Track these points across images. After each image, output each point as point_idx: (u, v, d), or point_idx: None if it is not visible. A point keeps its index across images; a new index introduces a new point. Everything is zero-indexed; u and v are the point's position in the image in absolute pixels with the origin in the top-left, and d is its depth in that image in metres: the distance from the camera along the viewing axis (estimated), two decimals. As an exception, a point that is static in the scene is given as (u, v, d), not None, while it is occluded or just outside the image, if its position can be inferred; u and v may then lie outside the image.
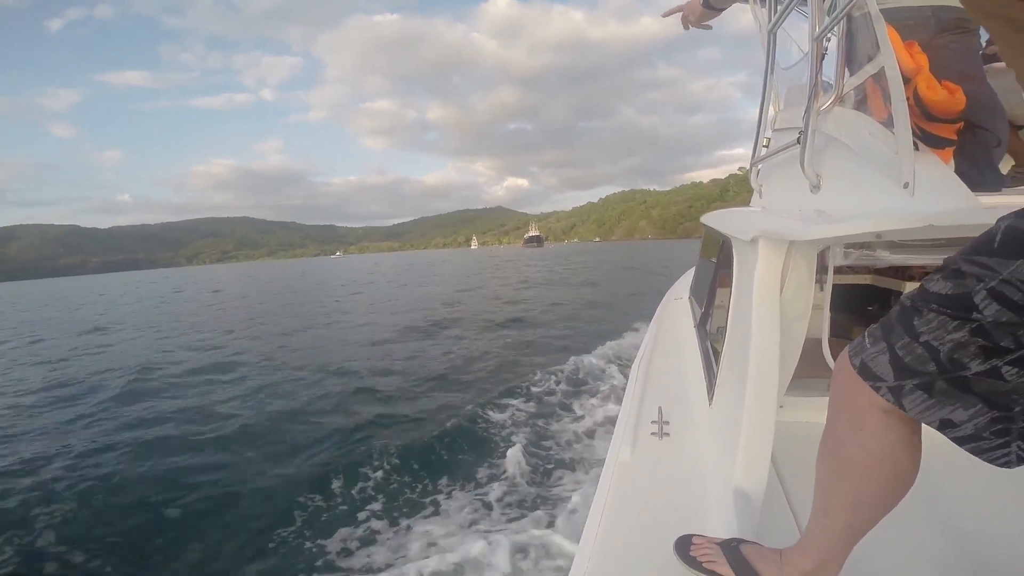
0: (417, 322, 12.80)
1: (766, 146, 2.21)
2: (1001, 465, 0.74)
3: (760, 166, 2.29)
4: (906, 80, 1.33)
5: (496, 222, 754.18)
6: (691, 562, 1.12)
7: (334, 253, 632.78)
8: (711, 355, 2.02)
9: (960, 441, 0.76)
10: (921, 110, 1.29)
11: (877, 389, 0.79)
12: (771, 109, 2.21)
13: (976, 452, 0.75)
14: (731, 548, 1.10)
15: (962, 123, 1.30)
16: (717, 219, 2.18)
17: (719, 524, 1.24)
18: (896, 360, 0.77)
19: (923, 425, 0.81)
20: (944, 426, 0.76)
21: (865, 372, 0.81)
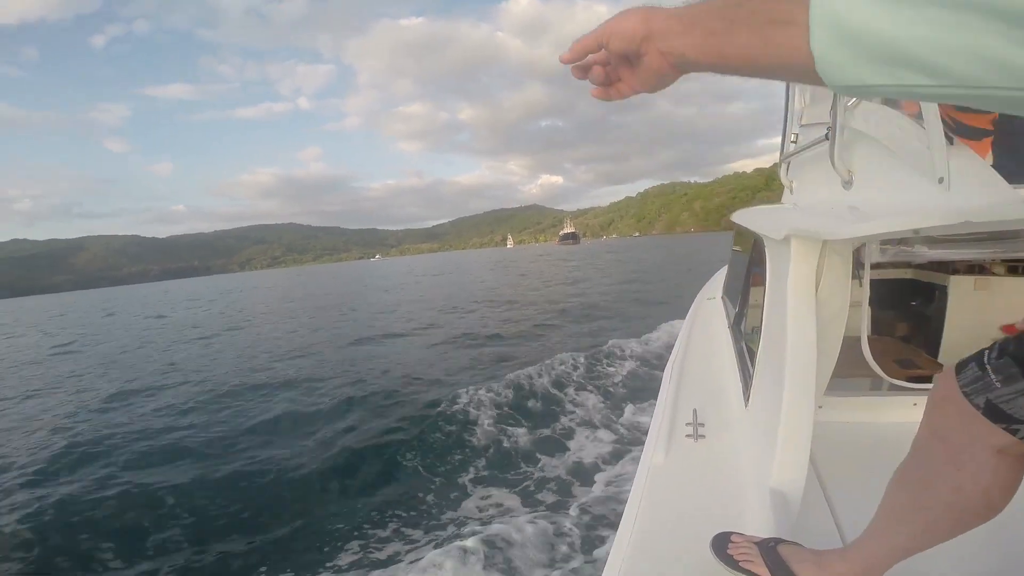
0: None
1: (794, 142, 2.16)
2: None
3: (790, 162, 2.24)
4: None
5: (532, 220, 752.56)
6: (727, 560, 1.12)
7: (374, 256, 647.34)
8: (746, 355, 2.00)
9: None
10: None
11: (1015, 432, 0.73)
12: (798, 104, 2.17)
13: None
14: (768, 548, 1.09)
15: (997, 113, 1.25)
16: (748, 217, 2.15)
17: (757, 525, 1.23)
18: None
19: None
20: None
21: (994, 413, 0.73)
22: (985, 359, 0.75)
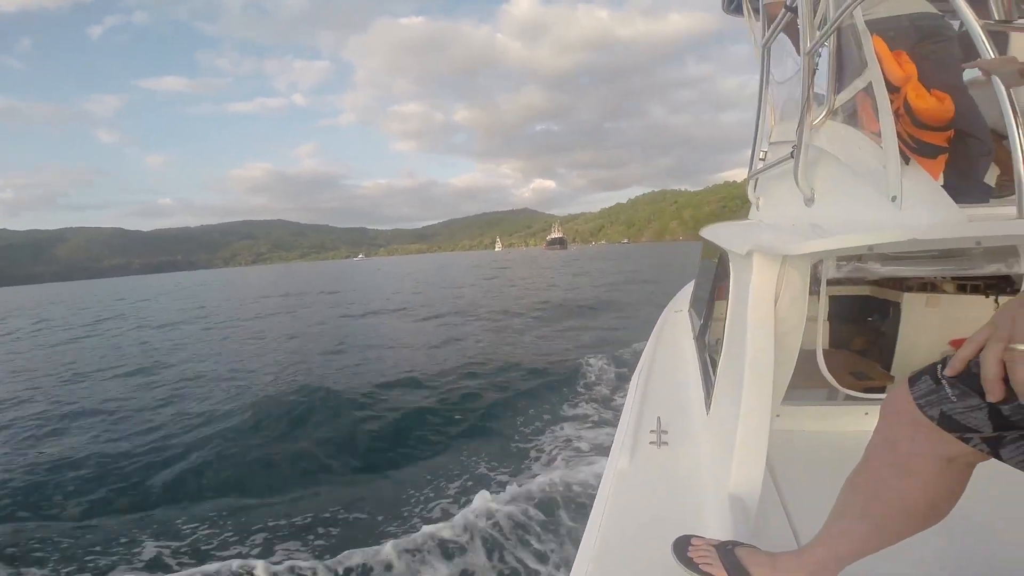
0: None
1: (763, 159, 2.21)
2: None
3: (757, 179, 2.30)
4: (896, 89, 1.33)
5: (523, 224, 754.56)
6: (687, 563, 1.15)
7: (357, 256, 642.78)
8: (709, 366, 2.04)
9: None
10: (911, 118, 1.28)
11: (967, 440, 0.74)
12: (769, 122, 2.21)
13: None
14: (726, 550, 1.12)
15: (952, 131, 1.29)
16: (714, 232, 2.20)
17: (715, 528, 1.27)
18: (998, 416, 0.70)
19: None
20: None
21: (949, 424, 0.75)
22: (939, 373, 0.77)
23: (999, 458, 0.73)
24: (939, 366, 0.78)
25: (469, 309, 15.99)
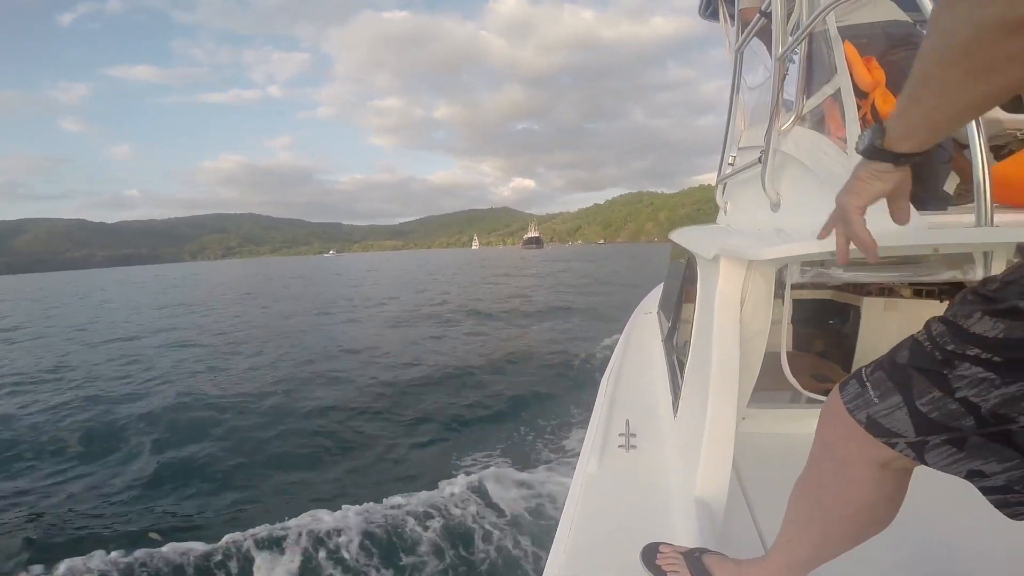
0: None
1: (731, 164, 2.23)
2: (1019, 519, 0.68)
3: (726, 184, 2.32)
4: (864, 95, 1.34)
5: (502, 222, 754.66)
6: (656, 571, 1.14)
7: (328, 252, 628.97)
8: (676, 368, 2.05)
9: (987, 491, 0.69)
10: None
11: (893, 445, 0.72)
12: (738, 127, 2.23)
13: (1000, 505, 0.69)
14: (694, 558, 1.11)
15: None
16: (683, 236, 2.21)
17: (683, 534, 1.26)
18: (919, 417, 0.68)
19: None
20: (972, 476, 0.69)
21: (876, 429, 0.73)
22: (864, 375, 0.76)
23: (925, 463, 0.72)
24: (865, 368, 0.77)
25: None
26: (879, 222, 1.18)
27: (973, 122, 0.99)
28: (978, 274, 1.58)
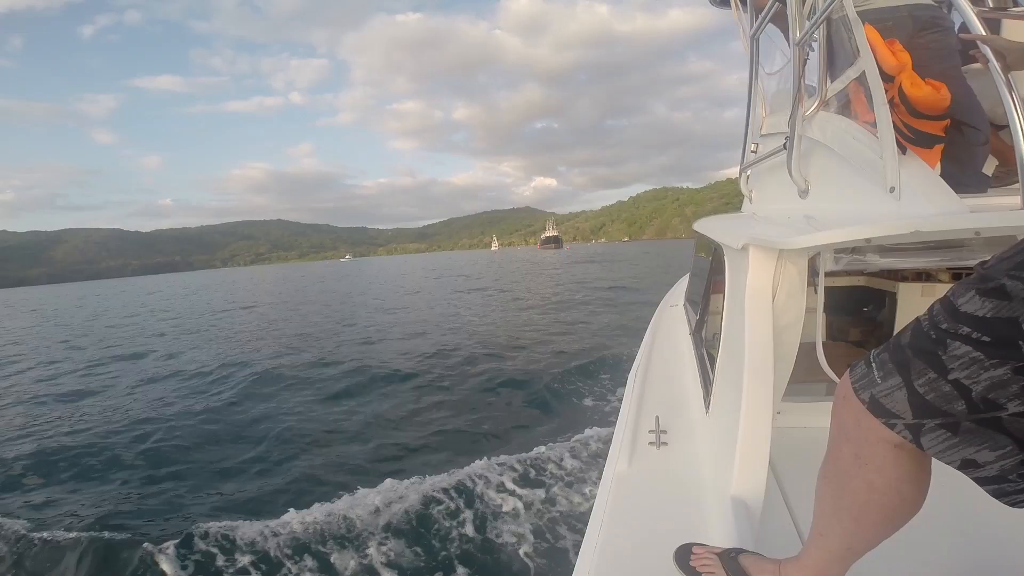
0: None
1: (754, 151, 2.19)
2: (1019, 506, 0.69)
3: (749, 171, 2.27)
4: (890, 78, 1.31)
5: (523, 223, 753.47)
6: (690, 573, 1.11)
7: (344, 256, 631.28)
8: (707, 362, 2.01)
9: (981, 481, 0.70)
10: (907, 107, 1.26)
11: (892, 426, 0.73)
12: (759, 113, 2.19)
13: (998, 494, 0.69)
14: (730, 558, 1.08)
15: (948, 120, 1.27)
16: (709, 226, 2.17)
17: (718, 534, 1.23)
18: (916, 398, 0.69)
19: None
20: (966, 466, 0.70)
21: (877, 408, 0.74)
22: (872, 356, 0.76)
23: (921, 448, 0.72)
24: (874, 350, 0.77)
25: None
26: (917, 206, 1.14)
27: (1011, 100, 0.96)
28: None
